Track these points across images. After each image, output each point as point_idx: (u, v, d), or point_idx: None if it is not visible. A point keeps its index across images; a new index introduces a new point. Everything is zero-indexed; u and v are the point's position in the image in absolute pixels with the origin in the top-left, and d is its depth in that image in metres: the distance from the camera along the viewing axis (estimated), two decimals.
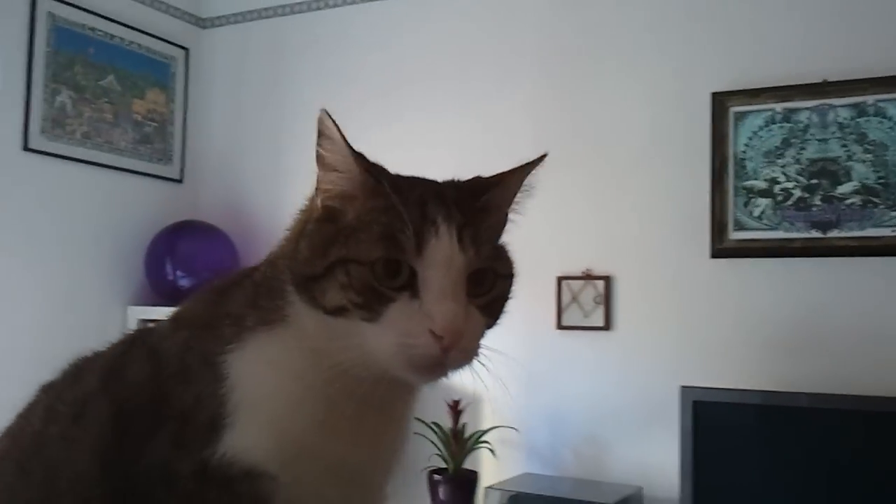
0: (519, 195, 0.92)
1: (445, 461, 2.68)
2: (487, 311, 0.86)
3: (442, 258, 0.80)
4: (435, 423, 2.67)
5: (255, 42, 3.63)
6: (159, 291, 3.25)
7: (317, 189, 0.88)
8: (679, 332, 2.73)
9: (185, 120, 3.61)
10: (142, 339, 0.95)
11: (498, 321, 0.89)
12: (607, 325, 2.82)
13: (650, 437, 2.70)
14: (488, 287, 0.85)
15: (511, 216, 0.93)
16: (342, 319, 0.82)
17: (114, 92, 3.31)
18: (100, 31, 3.24)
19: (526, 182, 0.92)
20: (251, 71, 3.63)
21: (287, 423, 0.84)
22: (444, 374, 0.83)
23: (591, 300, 2.84)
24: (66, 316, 3.01)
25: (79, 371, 0.96)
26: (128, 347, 0.95)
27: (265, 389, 0.84)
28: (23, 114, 2.96)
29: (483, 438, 2.73)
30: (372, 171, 0.85)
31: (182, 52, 3.60)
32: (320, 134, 0.84)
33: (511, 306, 0.91)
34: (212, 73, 3.70)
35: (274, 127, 3.46)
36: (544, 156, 0.91)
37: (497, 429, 2.78)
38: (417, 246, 0.80)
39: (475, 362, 0.84)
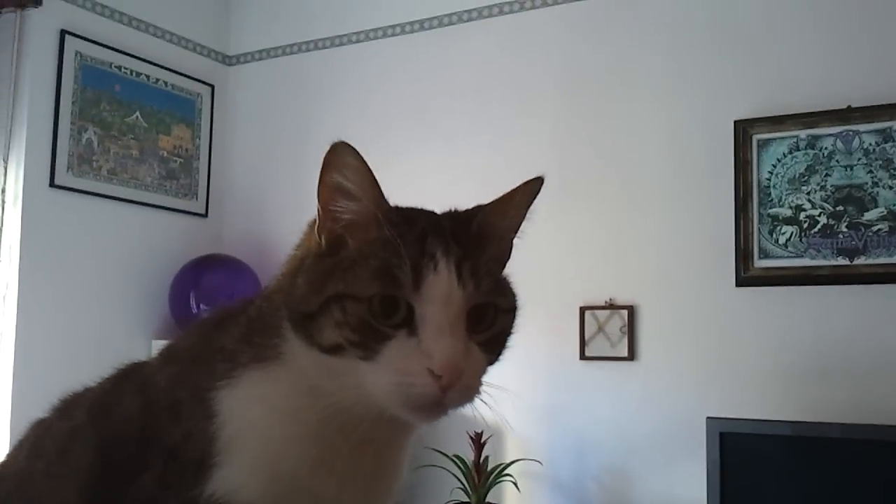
0: (524, 223, 0.89)
1: (468, 494, 2.65)
2: (488, 348, 0.83)
3: (440, 294, 0.78)
4: (457, 456, 2.64)
5: (279, 78, 3.67)
6: (184, 325, 3.26)
7: (320, 223, 0.85)
8: (705, 362, 2.69)
9: (210, 155, 3.65)
10: (132, 373, 0.93)
11: (500, 358, 0.86)
12: (631, 356, 2.78)
13: (676, 469, 2.65)
14: (489, 323, 0.83)
15: (516, 243, 0.89)
16: (338, 358, 0.79)
17: (140, 128, 3.35)
18: (126, 68, 3.30)
19: (530, 209, 0.88)
20: (275, 107, 3.67)
21: (279, 463, 0.81)
22: (444, 413, 0.80)
23: (617, 330, 2.80)
24: (91, 350, 3.02)
25: (67, 406, 0.95)
26: (117, 381, 0.93)
27: (257, 428, 0.82)
28: (50, 151, 3.01)
29: (506, 471, 2.69)
30: (381, 205, 0.83)
31: (208, 88, 3.65)
32: (337, 163, 0.82)
33: (533, 336, 0.87)
34: (237, 109, 3.74)
35: (298, 162, 3.48)
36: (541, 179, 0.88)
37: (520, 461, 2.74)
38: (415, 282, 0.77)
39: (476, 401, 0.82)
